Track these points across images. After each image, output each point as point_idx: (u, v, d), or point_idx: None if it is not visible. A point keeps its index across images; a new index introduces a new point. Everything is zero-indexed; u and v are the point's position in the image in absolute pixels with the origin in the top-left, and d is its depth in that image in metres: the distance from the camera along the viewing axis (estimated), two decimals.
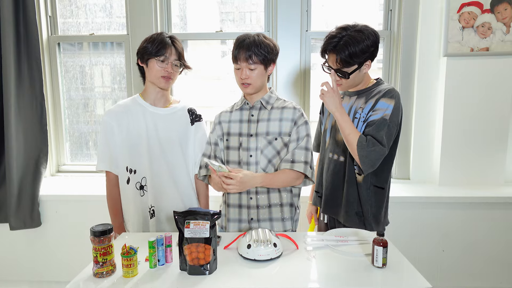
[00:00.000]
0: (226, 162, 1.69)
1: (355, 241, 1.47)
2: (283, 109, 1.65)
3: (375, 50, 1.58)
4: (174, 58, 1.67)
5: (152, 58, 1.65)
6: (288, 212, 1.66)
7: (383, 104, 1.54)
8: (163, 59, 1.65)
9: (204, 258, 1.23)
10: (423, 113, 2.57)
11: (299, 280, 1.22)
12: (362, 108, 1.59)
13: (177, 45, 1.69)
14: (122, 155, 1.71)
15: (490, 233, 2.41)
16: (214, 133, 1.73)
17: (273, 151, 1.62)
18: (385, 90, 1.57)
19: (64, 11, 2.76)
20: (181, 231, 1.25)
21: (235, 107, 1.73)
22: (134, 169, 1.71)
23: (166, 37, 1.67)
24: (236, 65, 1.59)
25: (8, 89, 2.42)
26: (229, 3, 2.78)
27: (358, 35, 1.51)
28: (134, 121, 1.70)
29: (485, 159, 2.52)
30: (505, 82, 2.44)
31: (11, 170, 2.46)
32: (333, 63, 1.58)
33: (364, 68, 1.59)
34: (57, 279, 2.61)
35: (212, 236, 1.23)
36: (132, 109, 1.72)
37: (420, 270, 1.26)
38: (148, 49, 1.64)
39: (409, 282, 1.21)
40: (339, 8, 2.71)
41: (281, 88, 2.63)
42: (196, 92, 2.86)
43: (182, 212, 1.26)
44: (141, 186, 1.71)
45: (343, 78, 1.58)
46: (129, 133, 1.69)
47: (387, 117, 1.52)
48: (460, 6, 2.38)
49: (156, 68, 1.65)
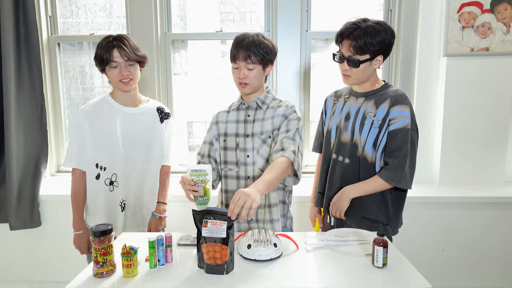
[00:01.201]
0: (224, 163, 1.69)
1: (355, 241, 1.47)
2: (277, 108, 1.65)
3: (390, 47, 1.59)
4: (125, 59, 1.68)
5: (105, 67, 1.69)
6: (283, 210, 1.68)
7: (399, 111, 1.56)
8: (114, 65, 1.67)
9: (221, 258, 1.23)
10: (423, 113, 2.57)
11: (299, 280, 1.22)
12: (373, 113, 1.59)
13: (123, 46, 1.67)
14: (92, 153, 1.75)
15: (490, 233, 2.40)
16: (210, 132, 1.73)
17: (268, 149, 1.62)
18: (397, 96, 1.58)
19: (64, 11, 2.76)
20: (199, 229, 1.26)
21: (232, 107, 1.72)
22: (105, 166, 1.76)
23: (110, 41, 1.68)
24: (234, 65, 1.58)
25: (8, 89, 2.42)
26: (229, 3, 2.78)
27: (378, 26, 1.53)
28: (105, 121, 1.74)
29: (485, 159, 2.52)
30: (505, 82, 2.44)
31: (11, 170, 2.46)
32: (346, 49, 1.57)
33: (375, 63, 1.59)
34: (57, 279, 2.61)
35: (229, 237, 1.23)
36: (103, 109, 1.76)
37: (420, 270, 1.26)
38: (98, 59, 1.69)
39: (409, 282, 1.21)
40: (339, 8, 2.71)
41: (281, 88, 2.63)
42: (196, 92, 2.86)
43: (201, 211, 1.27)
44: (111, 182, 1.77)
45: (353, 67, 1.56)
46: (100, 132, 1.73)
47: (409, 126, 1.55)
48: (460, 6, 2.38)
49: (112, 76, 1.71)
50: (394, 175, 1.54)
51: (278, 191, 1.65)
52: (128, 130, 1.76)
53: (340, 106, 1.72)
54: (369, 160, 1.61)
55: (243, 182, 1.63)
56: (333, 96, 1.81)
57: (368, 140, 1.60)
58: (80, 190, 1.78)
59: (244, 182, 1.63)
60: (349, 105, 1.68)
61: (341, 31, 1.58)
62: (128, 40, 1.71)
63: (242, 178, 1.63)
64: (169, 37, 2.65)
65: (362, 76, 1.60)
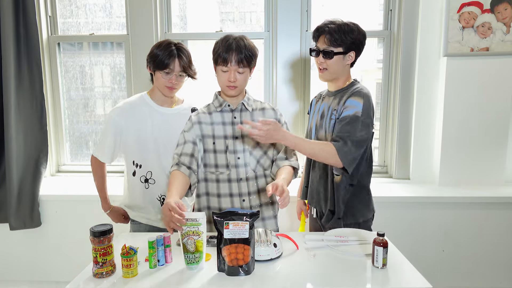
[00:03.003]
0: (215, 166, 1.63)
1: (355, 241, 1.47)
2: (263, 111, 1.69)
3: (361, 47, 1.68)
4: (179, 70, 1.73)
5: (158, 70, 1.72)
6: (275, 210, 1.72)
7: (351, 101, 1.59)
8: (167, 71, 1.71)
9: (243, 259, 1.23)
10: (423, 113, 2.57)
11: (299, 280, 1.22)
12: (336, 109, 1.64)
13: (183, 56, 1.73)
14: (129, 151, 1.80)
15: (490, 233, 2.40)
16: (192, 132, 1.62)
17: (261, 151, 1.65)
18: (355, 90, 1.62)
19: (64, 11, 2.76)
20: (220, 232, 1.25)
21: (212, 109, 1.67)
22: (140, 164, 1.80)
23: (173, 49, 1.71)
24: (224, 67, 1.55)
25: (8, 89, 2.42)
26: (229, 3, 2.78)
27: (352, 25, 1.63)
28: (141, 120, 1.78)
29: (485, 159, 2.52)
30: (505, 82, 2.44)
31: (11, 170, 2.46)
32: (322, 43, 1.65)
33: (348, 58, 1.65)
34: (57, 279, 2.61)
35: (251, 237, 1.24)
36: (140, 108, 1.79)
37: (420, 270, 1.26)
38: (155, 61, 1.71)
39: (409, 282, 1.21)
40: (339, 8, 2.71)
41: (281, 88, 2.63)
42: (196, 92, 2.85)
43: (221, 213, 1.27)
44: (146, 180, 1.81)
45: (328, 58, 1.63)
46: (136, 131, 1.77)
47: (359, 114, 1.56)
48: (460, 6, 2.38)
49: (161, 80, 1.74)
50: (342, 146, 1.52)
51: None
52: (164, 130, 1.79)
53: (318, 106, 1.80)
54: None
55: (236, 184, 1.62)
56: (317, 97, 1.88)
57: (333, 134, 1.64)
58: (101, 175, 1.88)
59: (236, 184, 1.62)
60: (324, 104, 1.75)
61: (318, 27, 1.68)
62: (187, 51, 1.77)
63: (234, 181, 1.62)
64: (169, 37, 2.64)
65: (336, 70, 1.66)
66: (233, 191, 1.62)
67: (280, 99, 2.63)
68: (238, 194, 1.62)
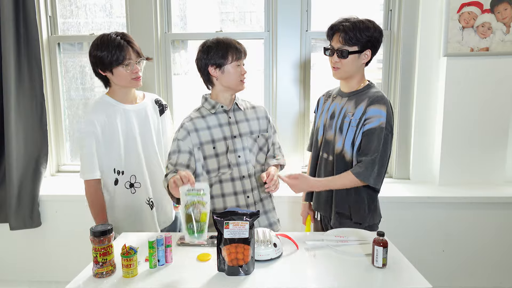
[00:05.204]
0: (217, 169, 1.63)
1: (355, 241, 1.47)
2: (254, 109, 1.75)
3: (378, 44, 1.64)
4: (136, 57, 1.67)
5: (116, 66, 1.63)
6: (273, 202, 1.77)
7: (375, 111, 1.58)
8: (127, 63, 1.63)
9: (243, 259, 1.23)
10: (423, 113, 2.57)
11: (299, 280, 1.22)
12: (352, 113, 1.62)
13: (133, 43, 1.68)
14: (108, 159, 1.69)
15: (490, 233, 2.41)
16: (188, 141, 1.60)
17: (257, 148, 1.70)
18: (375, 96, 1.61)
19: (64, 11, 2.76)
20: (219, 232, 1.25)
21: (205, 112, 1.66)
22: (122, 170, 1.71)
23: (119, 40, 1.63)
24: (238, 62, 1.61)
25: (8, 89, 2.42)
26: (229, 3, 2.78)
27: (368, 23, 1.60)
28: (111, 124, 1.68)
29: (485, 159, 2.52)
30: (505, 82, 2.44)
31: (11, 170, 2.46)
32: (336, 42, 1.62)
33: (363, 57, 1.62)
34: (57, 279, 2.61)
35: (251, 237, 1.24)
36: (107, 112, 1.68)
37: (420, 270, 1.26)
38: (107, 59, 1.61)
39: (409, 282, 1.21)
40: (339, 8, 2.71)
41: (280, 88, 2.62)
42: (196, 92, 2.85)
43: (221, 213, 1.27)
44: (131, 184, 1.73)
45: (342, 58, 1.60)
46: (110, 136, 1.68)
47: (383, 125, 1.56)
48: (460, 6, 2.38)
49: (124, 74, 1.64)
50: (364, 171, 1.55)
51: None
52: (134, 128, 1.72)
53: (328, 105, 1.77)
54: (347, 158, 1.64)
55: (239, 182, 1.64)
56: (325, 95, 1.86)
57: (347, 139, 1.63)
58: (101, 198, 1.72)
59: (240, 182, 1.64)
60: (335, 104, 1.72)
61: (332, 25, 1.65)
62: (131, 38, 1.70)
63: (237, 179, 1.64)
64: (169, 37, 2.65)
65: (350, 69, 1.63)
66: (237, 189, 1.64)
67: (280, 99, 2.63)
68: (242, 191, 1.65)
